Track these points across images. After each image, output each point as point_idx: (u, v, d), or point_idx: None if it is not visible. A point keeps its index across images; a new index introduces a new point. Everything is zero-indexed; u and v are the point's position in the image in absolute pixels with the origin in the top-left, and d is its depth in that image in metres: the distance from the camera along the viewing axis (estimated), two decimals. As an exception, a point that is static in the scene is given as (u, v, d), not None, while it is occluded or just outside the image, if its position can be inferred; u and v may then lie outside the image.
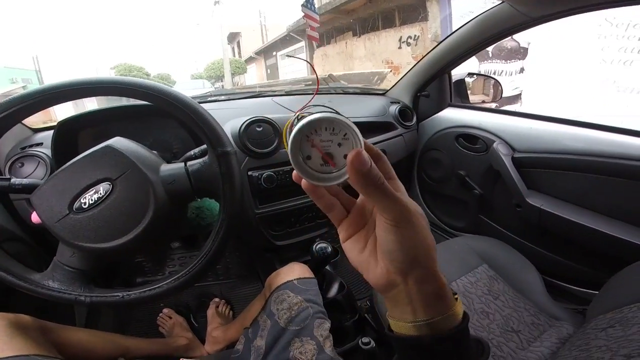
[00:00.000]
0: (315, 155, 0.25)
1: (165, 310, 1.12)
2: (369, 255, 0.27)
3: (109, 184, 0.48)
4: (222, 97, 1.24)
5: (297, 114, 0.27)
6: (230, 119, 0.88)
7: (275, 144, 0.81)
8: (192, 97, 0.50)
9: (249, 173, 0.79)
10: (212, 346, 0.99)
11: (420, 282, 0.25)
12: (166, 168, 0.51)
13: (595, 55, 3.56)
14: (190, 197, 0.51)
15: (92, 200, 0.47)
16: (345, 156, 0.25)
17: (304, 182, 0.26)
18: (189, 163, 0.51)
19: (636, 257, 0.67)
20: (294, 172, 0.26)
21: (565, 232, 0.89)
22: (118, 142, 0.51)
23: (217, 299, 1.17)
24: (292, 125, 0.26)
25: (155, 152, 0.56)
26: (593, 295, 0.79)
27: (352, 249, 0.28)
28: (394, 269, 0.25)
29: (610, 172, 0.81)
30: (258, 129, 0.81)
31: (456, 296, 0.27)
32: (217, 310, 1.12)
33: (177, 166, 0.51)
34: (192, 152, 0.59)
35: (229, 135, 0.81)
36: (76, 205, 0.48)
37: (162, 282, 0.49)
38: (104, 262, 0.52)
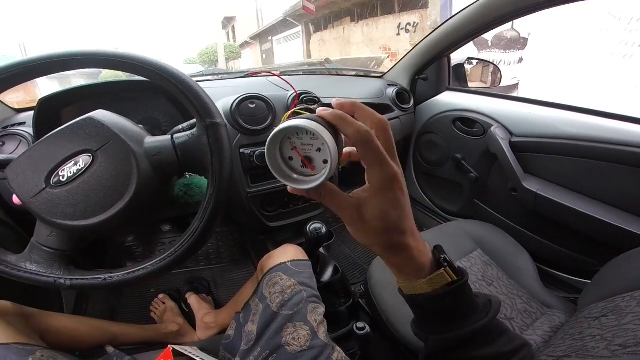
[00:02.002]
0: (296, 157, 0.27)
1: (160, 296, 1.10)
2: None
3: (89, 156, 0.45)
4: (215, 77, 1.20)
5: (292, 110, 0.29)
6: (222, 97, 0.84)
7: (269, 121, 0.78)
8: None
9: (241, 150, 0.76)
10: (205, 332, 0.97)
11: (387, 258, 0.31)
12: (151, 140, 0.47)
13: (596, 49, 3.55)
14: (177, 170, 0.48)
15: (70, 172, 0.44)
16: (324, 161, 0.26)
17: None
18: (175, 136, 0.48)
19: (628, 245, 0.67)
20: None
21: (559, 217, 0.88)
22: (100, 113, 0.48)
23: (189, 292, 1.12)
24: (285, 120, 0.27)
25: (141, 126, 0.53)
26: (584, 284, 0.79)
27: None
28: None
29: (607, 158, 0.80)
30: (251, 106, 0.77)
31: (437, 273, 0.30)
32: (201, 296, 1.10)
33: (164, 138, 0.48)
34: (180, 126, 0.56)
35: (221, 112, 0.78)
36: (54, 179, 0.45)
37: (146, 264, 0.47)
38: (85, 242, 0.49)
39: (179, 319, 1.01)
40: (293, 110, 0.29)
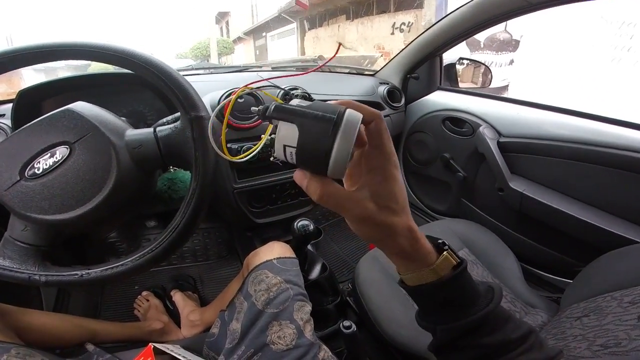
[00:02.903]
0: None
1: (144, 293, 1.08)
2: None
3: (67, 148, 0.43)
4: (205, 71, 1.18)
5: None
6: (211, 91, 0.83)
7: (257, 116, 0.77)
8: (173, 70, 0.46)
9: (228, 145, 0.75)
10: (190, 330, 0.96)
11: (399, 247, 0.29)
12: (133, 132, 0.46)
13: (587, 52, 3.61)
14: (159, 164, 0.47)
15: (46, 165, 0.43)
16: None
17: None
18: (158, 129, 0.47)
19: (610, 245, 0.68)
20: (298, 173, 0.26)
21: (544, 217, 0.90)
22: (79, 105, 0.47)
23: (174, 289, 1.10)
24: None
25: (123, 118, 0.52)
26: (567, 283, 0.81)
27: None
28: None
29: (592, 160, 0.82)
30: (239, 100, 0.76)
31: (442, 256, 0.30)
32: (186, 293, 1.08)
33: (146, 131, 0.47)
34: (164, 119, 0.54)
35: (208, 106, 0.76)
36: (29, 171, 0.43)
37: (125, 260, 0.46)
38: (62, 237, 0.48)
39: (163, 317, 0.99)
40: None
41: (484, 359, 0.29)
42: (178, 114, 0.52)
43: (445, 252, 0.30)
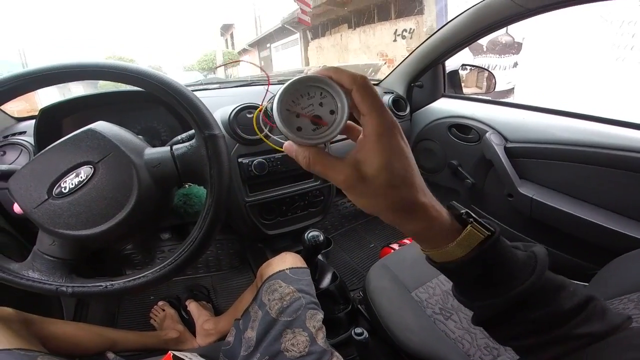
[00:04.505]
0: (305, 123, 0.26)
1: (160, 303, 1.10)
2: None
3: (91, 168, 0.46)
4: (214, 86, 1.21)
5: (266, 104, 0.29)
6: (221, 106, 0.86)
7: (266, 129, 0.79)
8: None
9: (239, 160, 0.77)
10: (204, 339, 0.98)
11: (402, 225, 0.27)
12: (151, 151, 0.49)
13: (589, 52, 3.59)
14: (176, 181, 0.49)
15: (72, 184, 0.45)
16: (330, 111, 0.26)
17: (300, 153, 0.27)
18: (174, 147, 0.49)
19: (624, 247, 0.67)
20: (286, 144, 0.28)
21: (556, 222, 0.89)
22: (100, 125, 0.49)
23: (189, 299, 1.12)
24: (266, 111, 0.28)
25: (140, 137, 0.54)
26: (582, 287, 0.80)
27: None
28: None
29: (601, 162, 0.81)
30: (249, 116, 0.79)
31: (465, 231, 0.26)
32: (201, 303, 1.10)
33: (163, 150, 0.49)
34: (179, 137, 0.57)
35: (219, 122, 0.79)
36: (56, 190, 0.46)
37: (146, 272, 0.48)
38: (87, 251, 0.50)
39: (178, 326, 1.01)
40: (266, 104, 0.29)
41: (535, 334, 0.26)
42: (192, 131, 0.54)
43: (469, 226, 0.26)
